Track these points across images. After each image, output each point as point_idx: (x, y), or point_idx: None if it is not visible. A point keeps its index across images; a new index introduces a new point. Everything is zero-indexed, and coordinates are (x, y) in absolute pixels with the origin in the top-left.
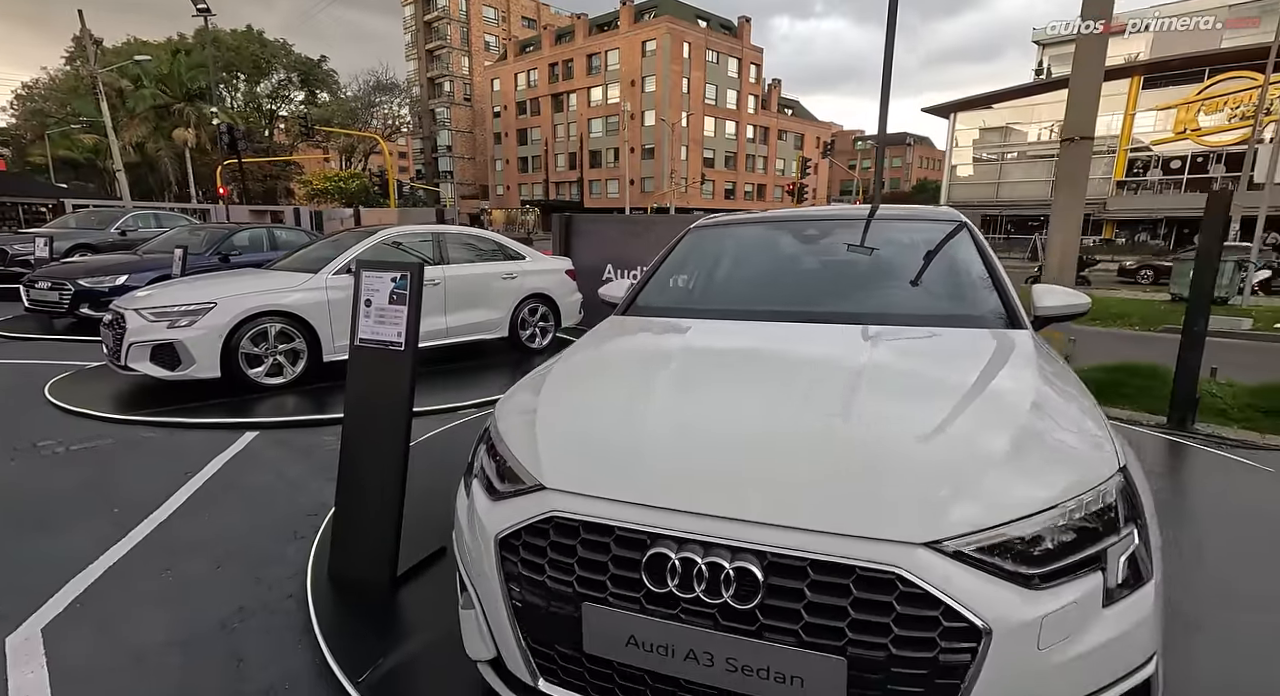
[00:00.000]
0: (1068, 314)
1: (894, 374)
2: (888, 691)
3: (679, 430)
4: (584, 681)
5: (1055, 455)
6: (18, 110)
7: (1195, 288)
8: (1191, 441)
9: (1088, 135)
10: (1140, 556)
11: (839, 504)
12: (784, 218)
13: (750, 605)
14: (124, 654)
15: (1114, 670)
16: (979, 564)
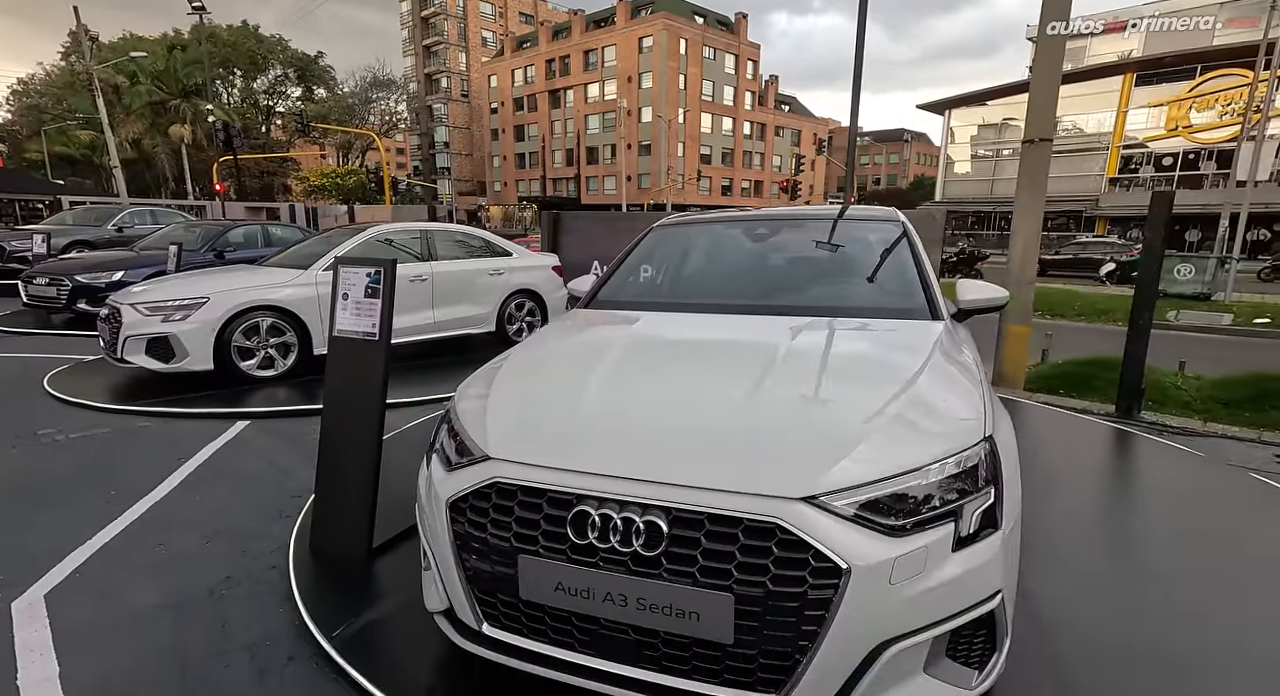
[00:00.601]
0: (987, 307)
1: (806, 359)
2: (767, 622)
3: (607, 407)
4: (521, 623)
5: (927, 427)
6: (13, 106)
7: (1139, 283)
8: (1134, 429)
9: (1047, 136)
10: (992, 511)
11: (733, 466)
12: (739, 218)
13: (656, 552)
14: (119, 616)
15: (959, 602)
16: (846, 515)
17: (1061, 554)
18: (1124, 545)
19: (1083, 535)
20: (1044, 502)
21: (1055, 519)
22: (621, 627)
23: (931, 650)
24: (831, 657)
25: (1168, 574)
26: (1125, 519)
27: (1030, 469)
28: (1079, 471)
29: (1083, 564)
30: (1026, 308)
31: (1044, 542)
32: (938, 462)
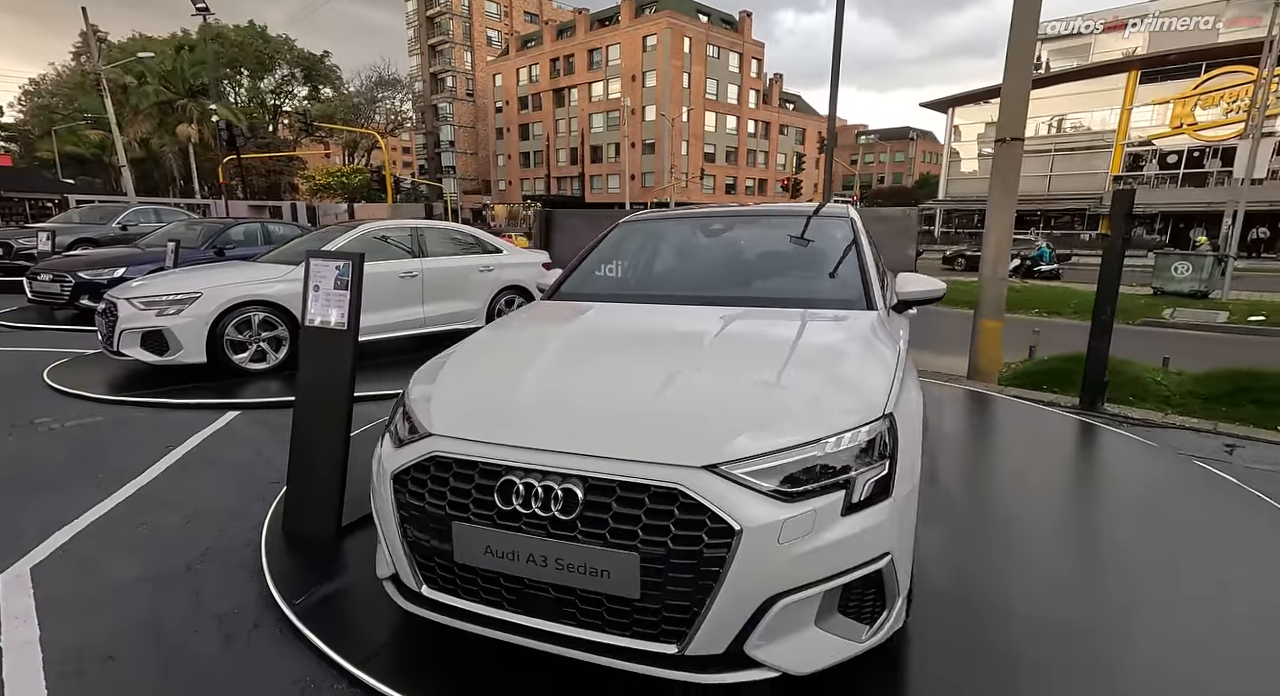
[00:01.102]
0: (926, 298)
1: (731, 345)
2: (669, 578)
3: (539, 389)
4: (456, 585)
5: (829, 405)
6: (25, 106)
7: (1101, 280)
8: (1094, 420)
9: (1018, 136)
10: (886, 481)
11: (643, 439)
12: (698, 215)
13: (572, 516)
14: (99, 587)
15: (846, 562)
16: (742, 482)
17: (996, 531)
18: (1056, 522)
19: (1021, 514)
20: (994, 486)
21: (1001, 500)
22: (543, 586)
23: (823, 605)
24: (726, 610)
25: (1092, 549)
26: (1065, 500)
27: (987, 456)
28: (1031, 458)
29: (1015, 541)
30: (999, 303)
31: (982, 522)
32: (834, 436)
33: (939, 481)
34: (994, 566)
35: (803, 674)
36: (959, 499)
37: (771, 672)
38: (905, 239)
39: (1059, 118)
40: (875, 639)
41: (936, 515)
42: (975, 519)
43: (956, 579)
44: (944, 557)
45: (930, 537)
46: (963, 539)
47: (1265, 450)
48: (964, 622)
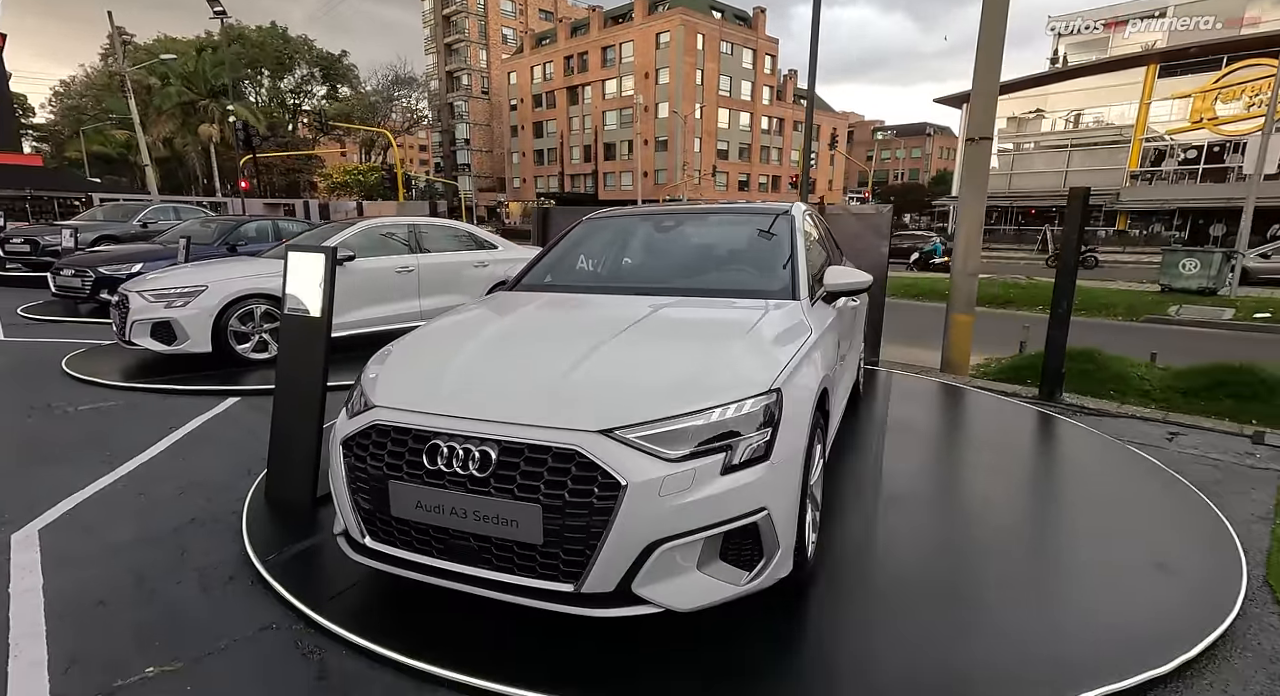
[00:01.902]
0: (851, 289)
1: (653, 329)
2: (566, 526)
3: (468, 366)
4: (393, 536)
5: (720, 380)
6: (55, 107)
7: (1059, 274)
8: (1049, 409)
9: (987, 135)
10: (767, 446)
11: (550, 408)
12: (654, 212)
13: (486, 474)
14: (97, 545)
15: (722, 514)
16: (632, 444)
17: (918, 503)
18: (973, 494)
19: (946, 488)
20: (931, 466)
21: (931, 478)
22: (464, 535)
23: (704, 551)
24: (613, 553)
25: (995, 517)
26: (990, 477)
27: (934, 440)
28: (975, 442)
29: (940, 514)
30: (970, 297)
31: (909, 494)
32: (719, 407)
33: (882, 461)
34: (903, 530)
35: (685, 610)
36: (897, 477)
37: (656, 608)
38: (878, 236)
39: (1076, 112)
40: (754, 584)
41: (872, 489)
42: (905, 492)
43: (866, 540)
44: (864, 522)
45: (859, 506)
46: (888, 508)
47: (1203, 438)
48: (860, 574)
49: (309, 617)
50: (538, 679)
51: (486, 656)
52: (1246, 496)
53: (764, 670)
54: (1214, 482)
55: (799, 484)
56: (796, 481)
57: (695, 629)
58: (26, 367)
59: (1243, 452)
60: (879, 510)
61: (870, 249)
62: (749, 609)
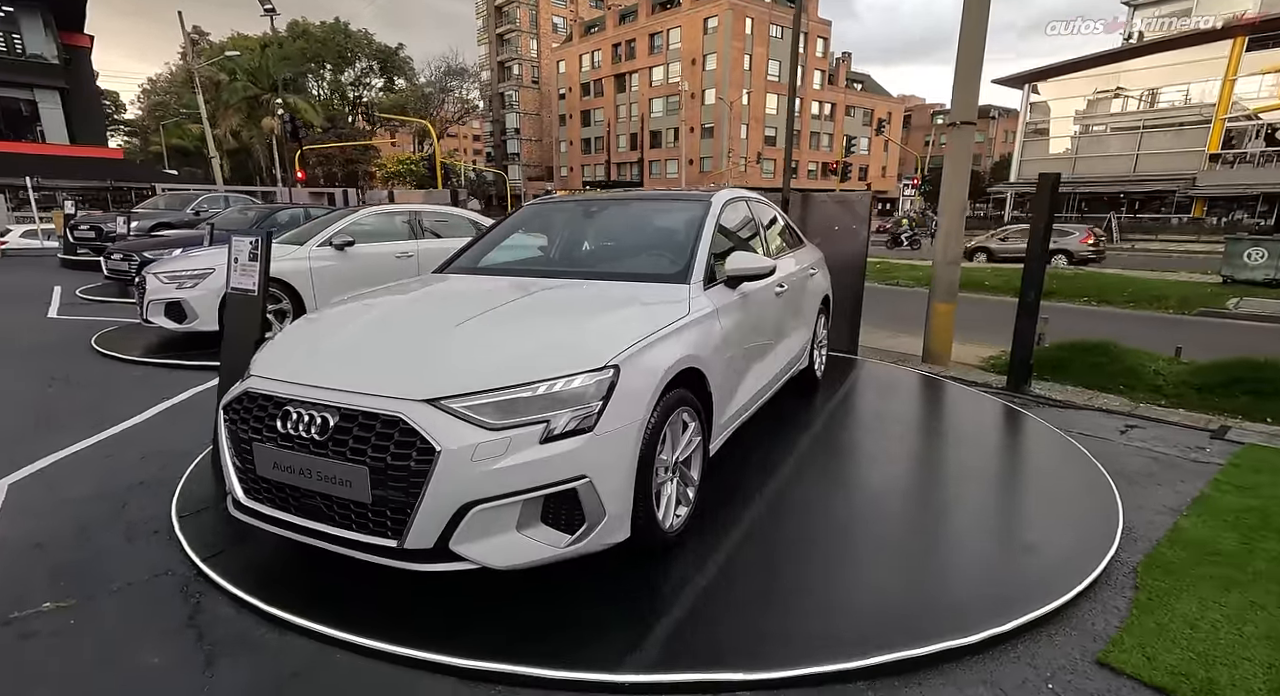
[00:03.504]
0: (750, 274)
1: (522, 308)
2: (389, 487)
3: (332, 340)
4: (261, 494)
5: (558, 355)
6: (143, 103)
7: (1028, 261)
8: (1010, 400)
9: (970, 120)
10: (592, 419)
11: (385, 378)
12: (585, 199)
13: (325, 438)
14: (55, 500)
15: (538, 479)
16: (454, 413)
17: (822, 481)
18: (888, 473)
19: (854, 468)
20: (856, 449)
21: (853, 459)
22: (312, 494)
23: (524, 514)
24: (430, 513)
25: (885, 499)
26: (915, 460)
27: (871, 424)
28: (917, 426)
29: (828, 492)
30: (952, 286)
31: (817, 471)
32: (545, 381)
33: (820, 440)
34: (791, 506)
35: (502, 568)
36: (813, 458)
37: (472, 565)
38: (858, 221)
39: (1151, 91)
40: (576, 547)
41: (782, 467)
42: (814, 472)
43: (750, 515)
44: (754, 498)
45: (757, 481)
46: (789, 485)
47: (1161, 431)
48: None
49: (198, 567)
50: (370, 623)
51: (332, 604)
52: (1170, 488)
53: (582, 623)
54: (1143, 474)
55: (633, 455)
56: (629, 453)
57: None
58: (63, 343)
59: (1193, 447)
60: (773, 487)
61: (850, 234)
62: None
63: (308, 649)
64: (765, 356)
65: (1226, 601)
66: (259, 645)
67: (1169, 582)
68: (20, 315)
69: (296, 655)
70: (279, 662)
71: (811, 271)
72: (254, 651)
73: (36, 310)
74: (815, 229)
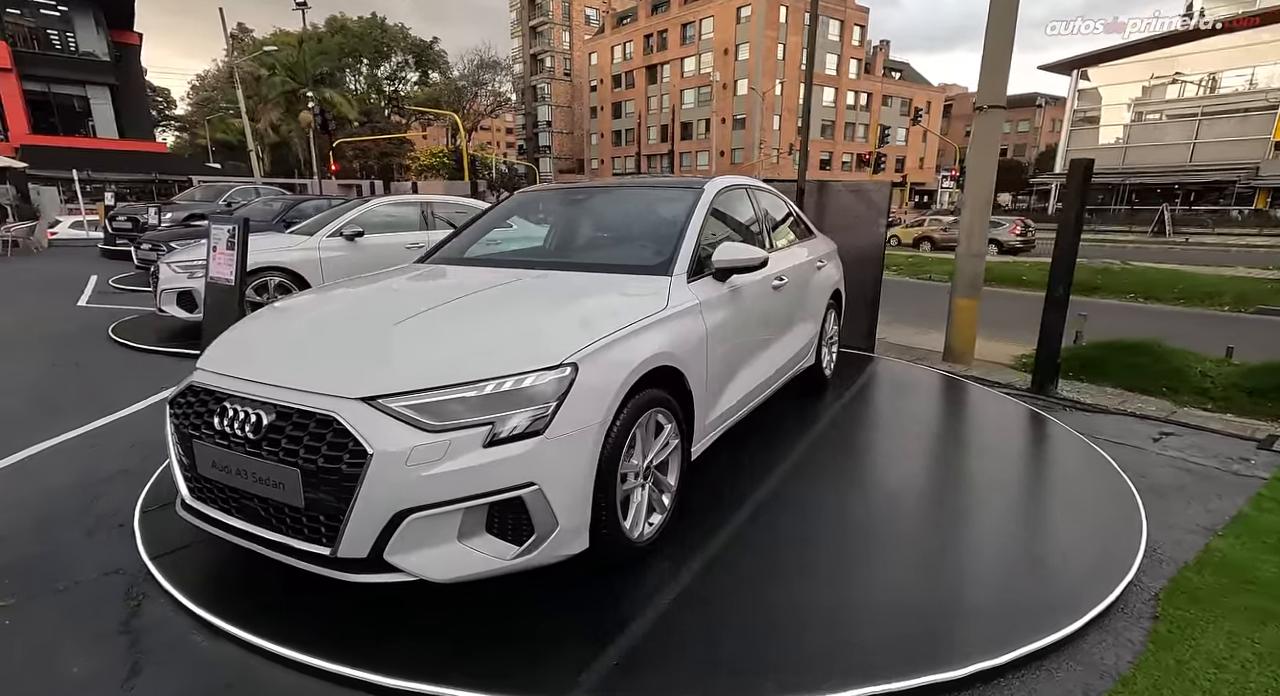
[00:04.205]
0: (740, 266)
1: (487, 300)
2: (321, 490)
3: (280, 333)
4: (204, 494)
5: (512, 352)
6: (192, 99)
7: (1057, 253)
8: (1033, 402)
9: (998, 104)
10: (543, 421)
11: (322, 374)
12: (572, 187)
13: (259, 437)
14: (34, 490)
15: (481, 486)
16: (391, 412)
17: (822, 485)
18: (898, 480)
19: (857, 473)
20: (863, 452)
21: (858, 463)
22: (250, 496)
23: (466, 523)
24: (363, 520)
25: (891, 506)
26: (915, 464)
27: (883, 426)
28: (924, 430)
29: (829, 500)
30: (975, 280)
31: (817, 475)
32: (494, 379)
33: (820, 444)
34: (785, 513)
35: (442, 581)
36: (815, 461)
37: (409, 577)
38: (876, 213)
39: (1212, 76)
40: (524, 559)
41: (782, 473)
42: (815, 475)
43: (738, 523)
44: (744, 507)
45: (749, 488)
46: (786, 489)
47: (1200, 439)
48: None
49: (147, 568)
50: (304, 636)
51: (274, 613)
52: (1203, 504)
53: (536, 637)
54: (1174, 487)
55: (591, 461)
56: (586, 458)
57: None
58: (84, 331)
59: (1236, 458)
60: (764, 493)
61: (866, 225)
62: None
63: (241, 661)
64: (761, 354)
65: (1261, 638)
66: (191, 655)
67: (1194, 613)
68: (52, 302)
69: (228, 667)
70: (208, 675)
71: (819, 264)
72: (183, 662)
73: (69, 298)
74: (831, 220)
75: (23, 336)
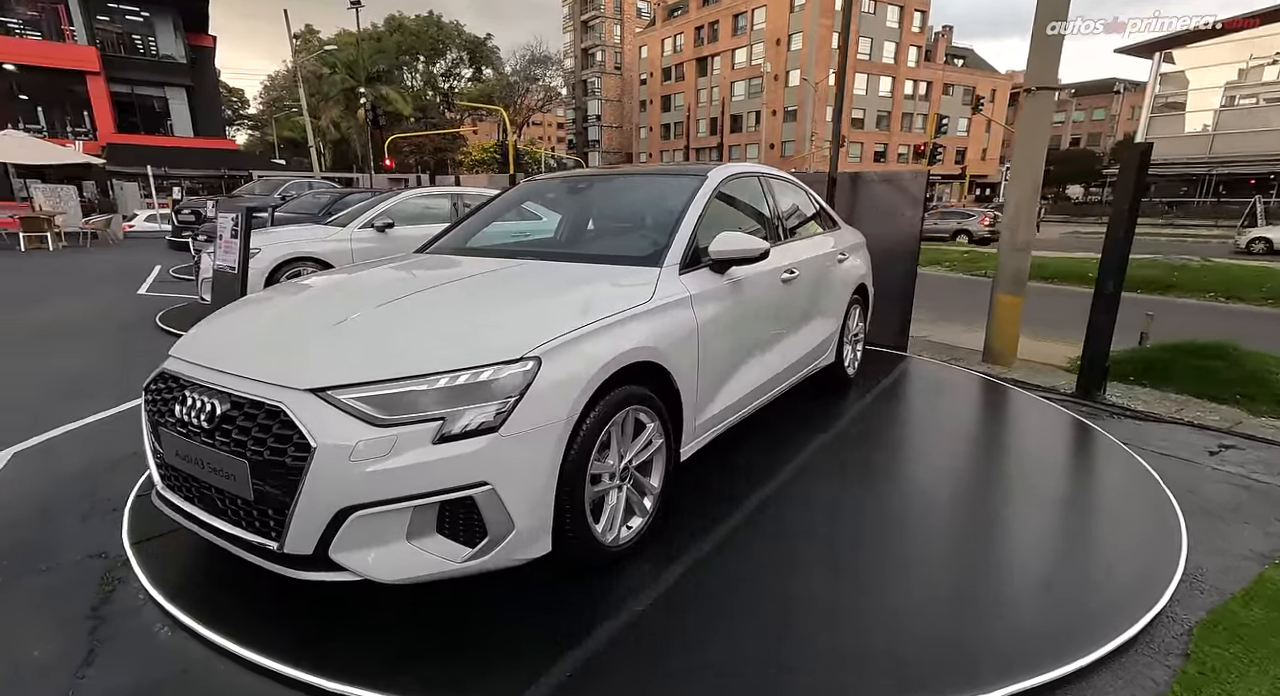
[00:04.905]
0: (738, 258)
1: (457, 291)
2: (268, 483)
3: (249, 322)
4: (172, 482)
5: (472, 345)
6: (263, 98)
7: (1107, 248)
8: (1076, 408)
9: (1048, 85)
10: (502, 417)
11: (275, 364)
12: (577, 176)
13: (213, 426)
14: (47, 473)
15: (430, 484)
16: (340, 405)
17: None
18: (904, 488)
19: (875, 481)
20: (883, 459)
21: (874, 472)
22: (207, 486)
23: (415, 522)
24: (306, 515)
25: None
26: (941, 476)
27: (908, 431)
28: (952, 435)
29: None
30: (1019, 275)
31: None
32: (449, 372)
33: (832, 448)
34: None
35: (389, 582)
36: (835, 466)
37: (352, 577)
38: (911, 203)
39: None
40: (476, 562)
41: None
42: (831, 482)
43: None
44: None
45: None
46: (784, 493)
47: (1267, 454)
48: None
49: (126, 555)
50: (253, 630)
51: (234, 605)
52: (1261, 528)
53: (488, 645)
54: (1228, 508)
55: (554, 460)
56: (547, 457)
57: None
58: (136, 319)
59: None
60: (761, 497)
61: (902, 218)
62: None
63: (192, 654)
64: (767, 350)
65: None
66: (149, 645)
67: (1233, 652)
68: (114, 291)
69: (182, 659)
70: (160, 667)
71: (841, 256)
72: (141, 651)
73: (130, 287)
74: (863, 212)
75: (79, 322)
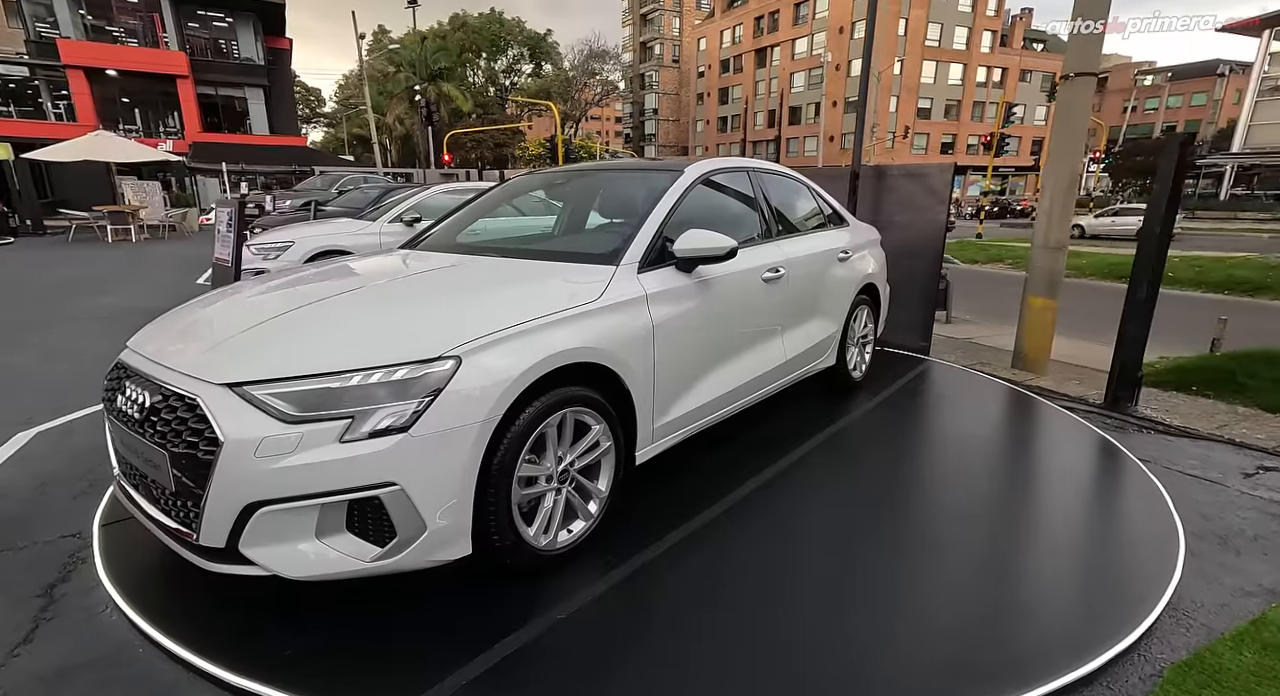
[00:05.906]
0: (704, 256)
1: (400, 289)
2: (184, 475)
3: (201, 314)
4: (123, 469)
5: (390, 343)
6: (338, 97)
7: (1140, 249)
8: (1101, 422)
9: (1089, 71)
10: (413, 417)
11: (198, 357)
12: (558, 170)
13: (142, 417)
14: (60, 452)
15: (335, 483)
16: (253, 401)
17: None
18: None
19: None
20: (878, 474)
21: (859, 485)
22: (142, 474)
23: (324, 520)
24: (216, 509)
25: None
26: (924, 489)
27: (912, 443)
28: (961, 447)
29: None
30: (1054, 276)
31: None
32: (362, 370)
33: (818, 455)
34: None
35: (295, 578)
36: (817, 474)
37: (263, 571)
38: (935, 199)
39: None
40: (385, 562)
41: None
42: (806, 490)
43: None
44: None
45: None
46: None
47: None
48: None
49: (92, 538)
50: (174, 618)
51: (170, 592)
52: (1278, 561)
53: (392, 653)
54: (1247, 536)
55: (471, 461)
56: (464, 458)
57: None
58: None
59: None
60: (730, 503)
61: (926, 213)
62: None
63: (125, 638)
64: (745, 352)
65: None
66: (90, 624)
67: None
68: (176, 279)
69: (111, 642)
70: (91, 649)
71: (843, 254)
72: (79, 631)
73: (194, 275)
74: (886, 208)
75: (137, 307)
